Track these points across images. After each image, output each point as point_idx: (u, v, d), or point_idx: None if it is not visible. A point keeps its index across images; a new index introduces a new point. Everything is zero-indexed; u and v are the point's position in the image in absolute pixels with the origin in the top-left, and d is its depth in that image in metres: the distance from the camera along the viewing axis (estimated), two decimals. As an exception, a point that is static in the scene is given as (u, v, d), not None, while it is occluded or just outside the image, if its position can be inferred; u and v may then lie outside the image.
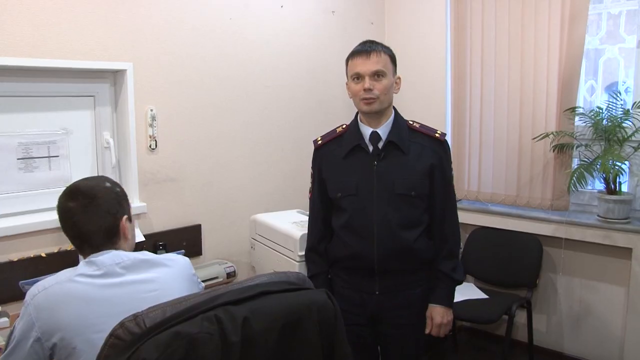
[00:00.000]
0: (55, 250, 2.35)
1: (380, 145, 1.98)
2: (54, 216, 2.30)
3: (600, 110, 2.93)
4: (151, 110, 2.60)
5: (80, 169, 2.50)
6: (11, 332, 1.35)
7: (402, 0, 3.70)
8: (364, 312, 2.03)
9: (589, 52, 3.13)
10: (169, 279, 1.44)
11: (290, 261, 2.44)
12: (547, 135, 3.05)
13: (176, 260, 1.52)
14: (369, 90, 1.90)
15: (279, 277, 1.27)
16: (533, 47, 3.10)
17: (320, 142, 2.13)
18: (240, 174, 3.03)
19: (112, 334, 1.07)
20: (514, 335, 3.31)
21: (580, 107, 3.04)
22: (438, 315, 2.01)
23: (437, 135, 2.01)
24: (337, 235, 2.07)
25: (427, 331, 2.04)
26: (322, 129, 3.39)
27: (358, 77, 1.93)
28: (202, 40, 2.78)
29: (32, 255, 2.28)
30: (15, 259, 2.24)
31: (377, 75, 1.91)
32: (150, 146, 2.63)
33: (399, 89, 2.01)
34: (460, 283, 2.08)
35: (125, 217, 1.51)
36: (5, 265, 2.21)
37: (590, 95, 3.20)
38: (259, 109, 3.09)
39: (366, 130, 2.00)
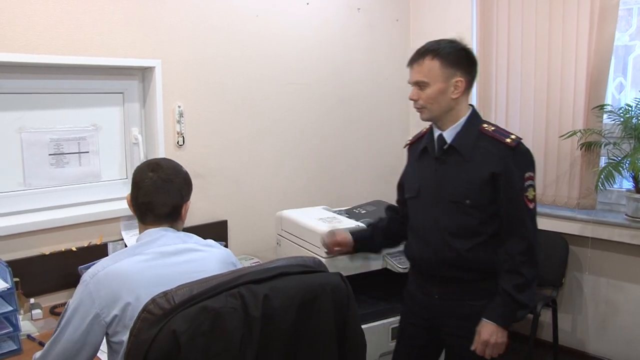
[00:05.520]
0: (86, 245, 2.39)
1: (444, 149, 1.92)
2: (84, 211, 2.39)
3: (630, 108, 2.88)
4: (179, 106, 2.63)
5: (109, 164, 2.54)
6: (64, 312, 1.42)
7: (427, -3, 3.68)
8: (425, 314, 2.00)
9: (618, 48, 3.07)
10: (209, 262, 1.54)
11: (316, 257, 2.44)
12: (574, 133, 3.01)
13: (216, 246, 1.63)
14: (414, 100, 1.90)
15: (297, 260, 1.37)
16: (561, 43, 3.06)
17: (409, 141, 2.15)
18: (265, 170, 3.05)
19: (145, 309, 1.16)
20: (538, 335, 3.28)
21: (608, 105, 3.00)
22: (486, 333, 1.82)
23: (508, 140, 1.83)
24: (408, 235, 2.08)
25: (472, 347, 1.85)
26: (347, 127, 3.43)
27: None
28: (229, 37, 2.80)
29: (63, 249, 2.33)
30: (47, 253, 2.29)
31: (419, 85, 1.87)
32: (177, 142, 2.66)
33: (459, 92, 1.85)
34: (524, 307, 1.83)
35: (189, 202, 1.64)
36: (38, 258, 2.26)
37: (619, 93, 3.15)
38: (284, 106, 3.10)
39: (436, 133, 1.95)
